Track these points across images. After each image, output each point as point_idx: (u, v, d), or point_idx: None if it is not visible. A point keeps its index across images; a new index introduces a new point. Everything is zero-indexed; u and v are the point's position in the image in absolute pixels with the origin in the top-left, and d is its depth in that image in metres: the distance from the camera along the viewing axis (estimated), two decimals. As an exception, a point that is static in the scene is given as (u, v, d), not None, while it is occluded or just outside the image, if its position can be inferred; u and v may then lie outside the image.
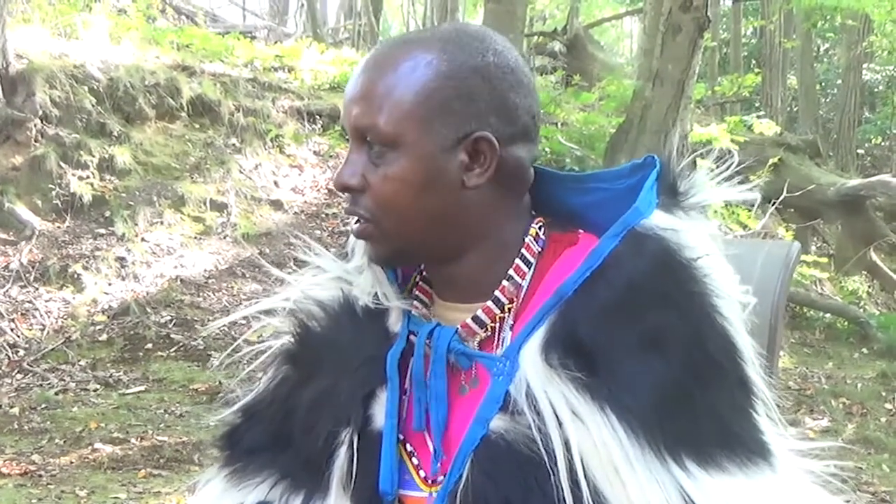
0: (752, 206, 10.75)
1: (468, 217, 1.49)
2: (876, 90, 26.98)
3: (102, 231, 8.98)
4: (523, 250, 1.52)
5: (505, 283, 1.50)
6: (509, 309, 1.50)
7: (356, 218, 1.50)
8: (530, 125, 1.51)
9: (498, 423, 1.38)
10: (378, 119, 1.44)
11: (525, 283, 1.51)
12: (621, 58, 29.11)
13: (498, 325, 1.50)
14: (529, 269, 1.52)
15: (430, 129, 1.44)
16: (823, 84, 26.99)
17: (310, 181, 10.93)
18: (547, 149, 11.40)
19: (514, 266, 1.51)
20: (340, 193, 1.48)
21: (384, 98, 1.44)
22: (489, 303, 1.50)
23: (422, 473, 1.48)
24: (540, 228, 1.55)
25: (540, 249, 1.54)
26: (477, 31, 1.54)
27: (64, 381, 7.38)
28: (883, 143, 25.60)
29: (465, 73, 1.45)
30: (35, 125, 9.24)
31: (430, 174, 1.45)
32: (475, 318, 1.50)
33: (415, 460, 1.49)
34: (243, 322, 1.74)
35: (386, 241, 1.49)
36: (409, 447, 1.50)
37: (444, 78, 1.45)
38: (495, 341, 1.50)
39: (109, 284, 8.56)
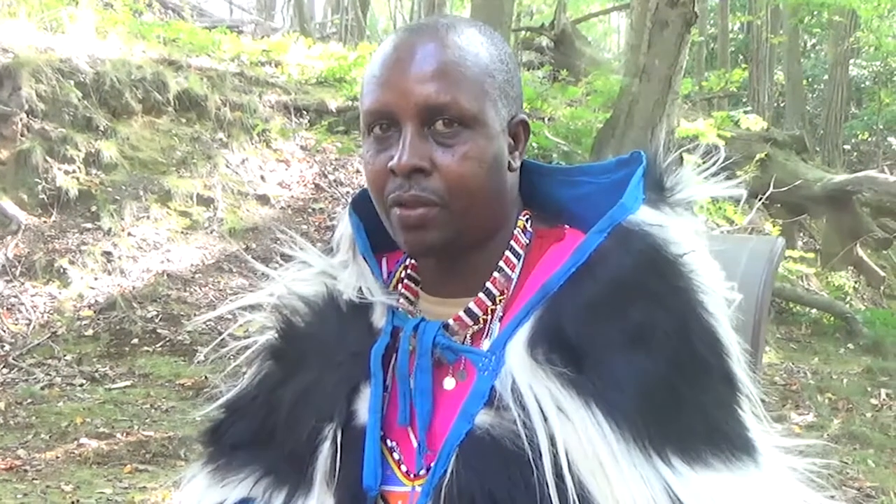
0: (739, 201, 10.77)
1: (508, 201, 1.53)
2: (863, 86, 27.05)
3: (89, 226, 8.96)
4: (512, 242, 1.53)
5: (496, 274, 1.51)
6: (500, 301, 1.51)
7: (414, 203, 1.45)
8: None
9: (483, 418, 1.38)
10: (460, 96, 1.43)
11: (514, 276, 1.52)
12: (608, 53, 29.14)
13: (489, 317, 1.51)
14: (518, 261, 1.53)
15: (497, 109, 1.47)
16: (810, 80, 27.03)
17: (296, 176, 10.92)
18: (534, 144, 11.39)
19: (503, 257, 1.52)
20: (398, 176, 1.43)
21: (461, 76, 1.44)
22: (481, 295, 1.50)
23: (403, 468, 1.48)
24: (527, 221, 1.55)
25: (527, 242, 1.54)
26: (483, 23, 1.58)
27: (50, 375, 7.36)
28: (869, 139, 25.67)
29: (507, 58, 1.51)
30: (21, 119, 9.21)
31: (496, 153, 1.47)
32: (467, 311, 1.50)
33: (396, 455, 1.49)
34: (229, 317, 1.73)
35: (448, 225, 1.46)
36: (389, 442, 1.50)
37: (498, 61, 1.49)
38: (485, 334, 1.50)
39: (96, 279, 8.54)
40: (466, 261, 1.52)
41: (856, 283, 14.37)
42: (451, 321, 1.50)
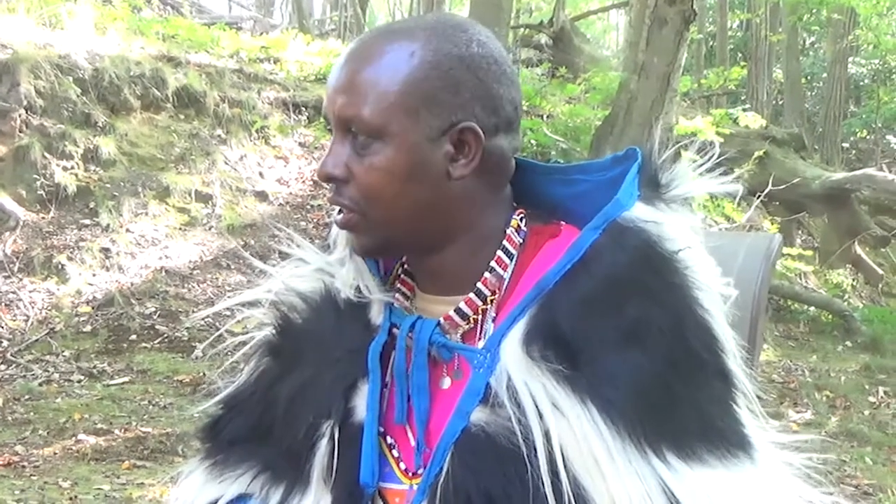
0: (737, 198, 10.78)
1: (453, 208, 1.49)
2: (861, 84, 27.05)
3: (87, 222, 8.96)
4: (505, 242, 1.52)
5: (487, 274, 1.50)
6: (492, 301, 1.50)
7: (339, 208, 1.49)
8: (513, 116, 1.50)
9: (478, 415, 1.38)
10: (363, 109, 1.42)
11: (507, 275, 1.51)
12: (607, 50, 29.18)
13: (481, 317, 1.50)
14: (511, 260, 1.52)
15: (416, 120, 1.43)
16: (809, 77, 27.03)
17: (295, 173, 10.92)
18: (532, 141, 11.40)
19: (495, 258, 1.51)
20: (324, 184, 1.47)
21: (369, 88, 1.43)
22: (471, 294, 1.50)
23: (402, 466, 1.48)
24: (521, 220, 1.55)
25: (521, 241, 1.53)
26: (460, 21, 1.53)
27: (48, 372, 7.36)
28: (868, 137, 25.68)
29: (450, 63, 1.45)
30: (19, 115, 9.20)
31: (415, 164, 1.44)
32: (458, 310, 1.50)
33: (395, 453, 1.49)
34: (227, 313, 1.73)
35: (370, 231, 1.48)
36: (389, 439, 1.50)
37: (429, 68, 1.44)
38: (478, 333, 1.50)
39: (94, 275, 8.53)
40: (437, 262, 1.52)
41: (854, 280, 14.38)
42: (441, 320, 1.50)
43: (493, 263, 1.51)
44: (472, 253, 1.51)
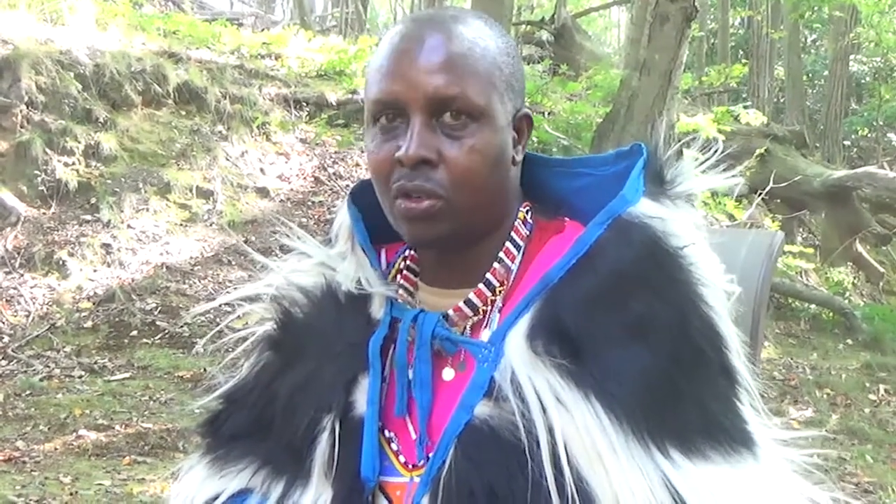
0: (737, 195, 10.77)
1: (510, 194, 1.53)
2: (863, 81, 27.03)
3: (88, 217, 8.95)
4: (512, 233, 1.53)
5: (496, 265, 1.51)
6: (499, 292, 1.51)
7: (420, 195, 1.44)
8: None
9: (482, 409, 1.38)
10: (468, 89, 1.42)
11: (514, 267, 1.52)
12: (609, 47, 29.17)
13: (489, 308, 1.51)
14: (518, 252, 1.53)
15: (504, 103, 1.47)
16: (810, 75, 27.02)
17: (296, 169, 10.91)
18: (534, 138, 11.37)
19: (504, 249, 1.52)
20: (407, 167, 1.43)
21: (469, 69, 1.43)
22: (481, 285, 1.50)
23: (402, 459, 1.48)
24: (527, 212, 1.55)
25: (528, 233, 1.54)
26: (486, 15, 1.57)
27: (49, 367, 7.36)
28: (869, 135, 25.65)
29: (513, 51, 1.51)
30: (20, 111, 9.20)
31: (502, 147, 1.47)
32: (467, 302, 1.50)
33: (394, 446, 1.49)
34: (228, 309, 1.73)
35: (453, 218, 1.45)
36: (387, 433, 1.50)
37: (505, 55, 1.48)
38: (485, 324, 1.50)
39: (95, 271, 8.53)
40: (467, 253, 1.52)
41: (855, 278, 14.38)
42: (451, 312, 1.50)
43: (501, 254, 1.51)
44: (495, 243, 1.52)
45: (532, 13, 22.92)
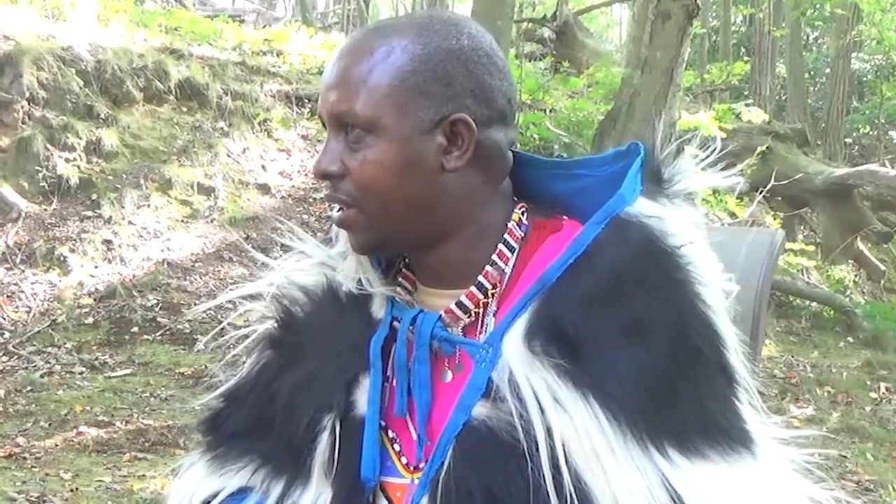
0: (738, 192, 10.77)
1: (448, 201, 1.49)
2: (864, 79, 27.03)
3: (89, 214, 8.95)
4: (506, 235, 1.52)
5: (488, 268, 1.50)
6: (493, 294, 1.51)
7: (338, 206, 1.50)
8: (507, 109, 1.51)
9: (480, 409, 1.38)
10: (355, 104, 1.44)
11: (508, 269, 1.51)
12: (610, 45, 29.16)
13: (482, 310, 1.51)
14: (513, 254, 1.52)
15: (407, 112, 1.44)
16: (812, 73, 27.02)
17: (297, 165, 10.91)
18: (535, 135, 11.40)
19: (497, 251, 1.51)
20: (319, 182, 1.48)
21: (360, 83, 1.44)
22: (472, 288, 1.50)
23: (403, 460, 1.48)
24: (523, 214, 1.55)
25: (523, 235, 1.53)
26: (451, 16, 1.55)
27: (49, 363, 7.36)
28: (871, 133, 25.64)
29: (440, 56, 1.46)
30: (22, 107, 9.20)
31: (408, 157, 1.45)
32: (459, 304, 1.50)
33: (396, 447, 1.49)
34: (229, 306, 1.73)
35: (368, 228, 1.49)
36: (390, 433, 1.50)
37: (419, 61, 1.45)
38: (479, 327, 1.50)
39: (96, 267, 8.53)
40: (436, 256, 1.53)
41: (856, 276, 14.38)
42: (442, 314, 1.50)
43: (494, 257, 1.51)
44: (471, 247, 1.51)
45: (534, 10, 22.93)
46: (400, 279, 1.59)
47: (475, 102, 1.47)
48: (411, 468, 1.47)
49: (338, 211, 1.50)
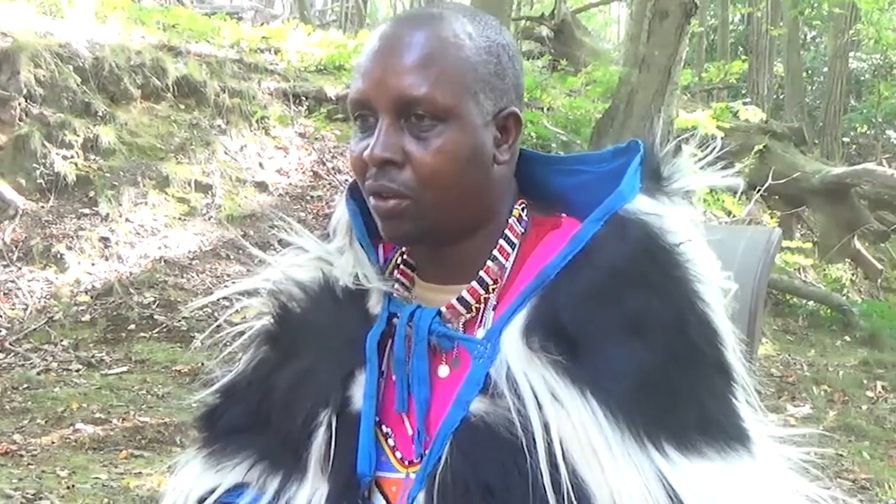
0: (737, 192, 10.77)
1: (492, 194, 1.51)
2: (862, 78, 27.02)
3: (86, 211, 8.94)
4: (507, 231, 1.53)
5: (489, 263, 1.51)
6: (493, 289, 1.51)
7: (385, 194, 1.46)
8: (523, 105, 1.55)
9: (478, 405, 1.38)
10: (435, 90, 1.43)
11: (508, 264, 1.52)
12: (608, 43, 29.16)
13: (482, 305, 1.51)
14: (513, 249, 1.53)
15: (477, 103, 1.46)
16: (810, 72, 27.01)
17: (295, 163, 10.90)
18: (533, 133, 11.39)
19: (497, 247, 1.52)
20: (371, 167, 1.45)
21: (437, 70, 1.43)
22: (474, 283, 1.50)
23: (398, 454, 1.48)
24: (523, 210, 1.55)
25: (523, 231, 1.54)
26: (481, 12, 1.57)
27: (46, 361, 7.35)
28: (868, 132, 25.64)
29: (498, 49, 1.49)
30: (19, 104, 9.19)
31: (474, 148, 1.46)
32: (460, 299, 1.50)
33: (391, 441, 1.49)
34: (226, 303, 1.73)
35: (420, 217, 1.46)
36: (384, 429, 1.50)
37: (486, 53, 1.47)
38: (478, 322, 1.50)
39: (93, 265, 8.53)
40: (455, 250, 1.52)
41: (853, 275, 14.38)
42: (443, 309, 1.50)
43: (495, 252, 1.52)
44: (490, 240, 1.52)
45: (532, 9, 22.92)
46: (397, 275, 1.59)
47: (517, 97, 1.51)
48: (406, 462, 1.47)
49: (381, 200, 1.47)
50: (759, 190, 11.98)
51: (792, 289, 11.95)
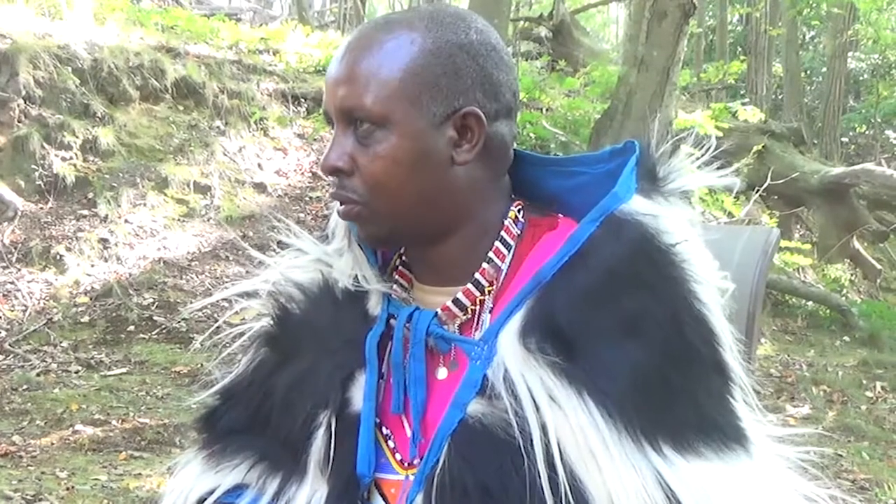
0: (734, 192, 10.77)
1: (457, 196, 1.49)
2: (861, 79, 27.05)
3: (85, 212, 8.94)
4: (503, 233, 1.53)
5: (485, 265, 1.51)
6: (489, 292, 1.51)
7: (341, 200, 1.49)
8: (512, 103, 1.52)
9: (475, 407, 1.38)
10: (365, 99, 1.43)
11: (504, 266, 1.52)
12: (607, 44, 29.17)
13: (478, 308, 1.51)
14: (509, 251, 1.52)
15: (419, 106, 1.44)
16: (808, 72, 27.03)
17: (294, 164, 10.91)
18: (531, 134, 11.40)
19: (493, 248, 1.52)
20: (327, 177, 1.48)
21: (370, 78, 1.44)
22: (469, 285, 1.50)
23: (398, 456, 1.49)
24: (519, 211, 1.55)
25: (519, 232, 1.54)
26: (457, 11, 1.55)
27: (45, 362, 7.35)
28: (867, 132, 25.66)
29: (450, 49, 1.46)
30: (18, 105, 9.19)
31: (419, 151, 1.45)
32: (455, 301, 1.50)
33: (391, 443, 1.49)
34: (225, 304, 1.73)
35: (376, 221, 1.48)
36: (385, 430, 1.50)
37: (429, 55, 1.45)
38: (475, 324, 1.50)
39: (92, 266, 8.53)
40: (437, 252, 1.53)
41: (852, 275, 14.39)
42: (439, 311, 1.50)
43: (491, 254, 1.51)
44: (472, 243, 1.52)
45: (530, 9, 22.92)
46: (396, 276, 1.60)
47: (484, 96, 1.48)
48: (405, 464, 1.47)
49: (341, 205, 1.50)
50: (757, 190, 11.97)
51: (791, 289, 11.95)
